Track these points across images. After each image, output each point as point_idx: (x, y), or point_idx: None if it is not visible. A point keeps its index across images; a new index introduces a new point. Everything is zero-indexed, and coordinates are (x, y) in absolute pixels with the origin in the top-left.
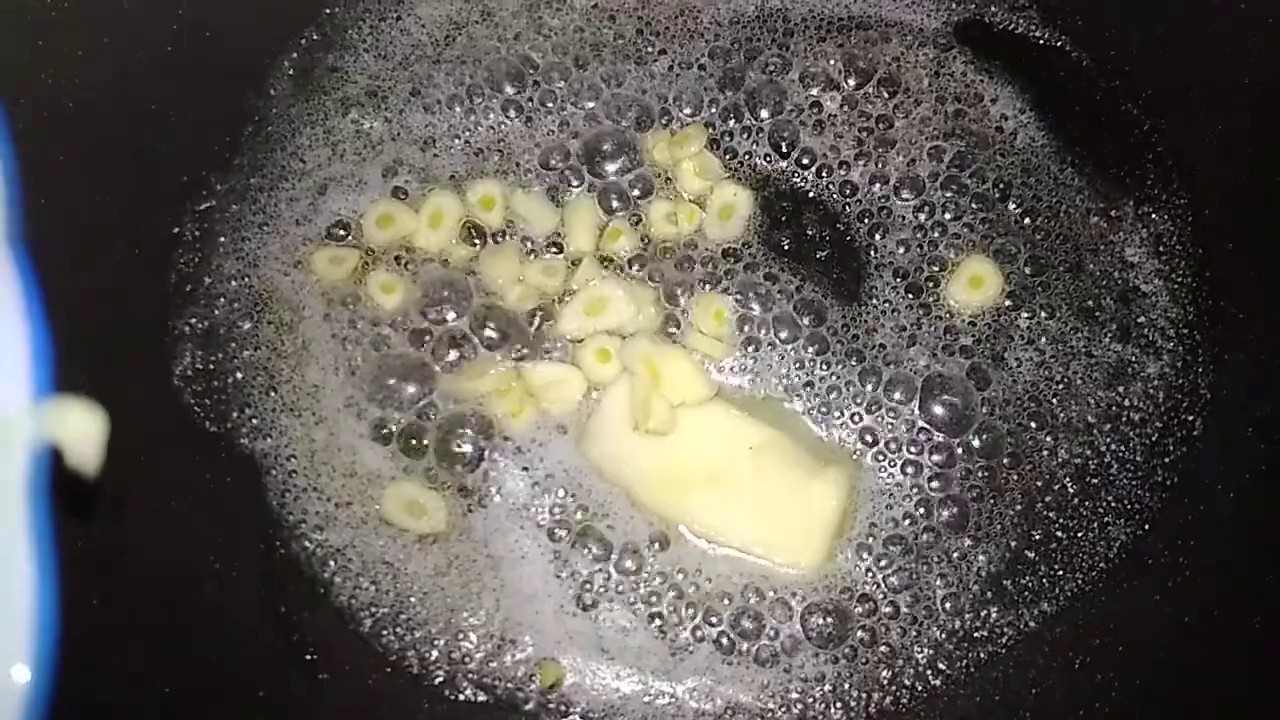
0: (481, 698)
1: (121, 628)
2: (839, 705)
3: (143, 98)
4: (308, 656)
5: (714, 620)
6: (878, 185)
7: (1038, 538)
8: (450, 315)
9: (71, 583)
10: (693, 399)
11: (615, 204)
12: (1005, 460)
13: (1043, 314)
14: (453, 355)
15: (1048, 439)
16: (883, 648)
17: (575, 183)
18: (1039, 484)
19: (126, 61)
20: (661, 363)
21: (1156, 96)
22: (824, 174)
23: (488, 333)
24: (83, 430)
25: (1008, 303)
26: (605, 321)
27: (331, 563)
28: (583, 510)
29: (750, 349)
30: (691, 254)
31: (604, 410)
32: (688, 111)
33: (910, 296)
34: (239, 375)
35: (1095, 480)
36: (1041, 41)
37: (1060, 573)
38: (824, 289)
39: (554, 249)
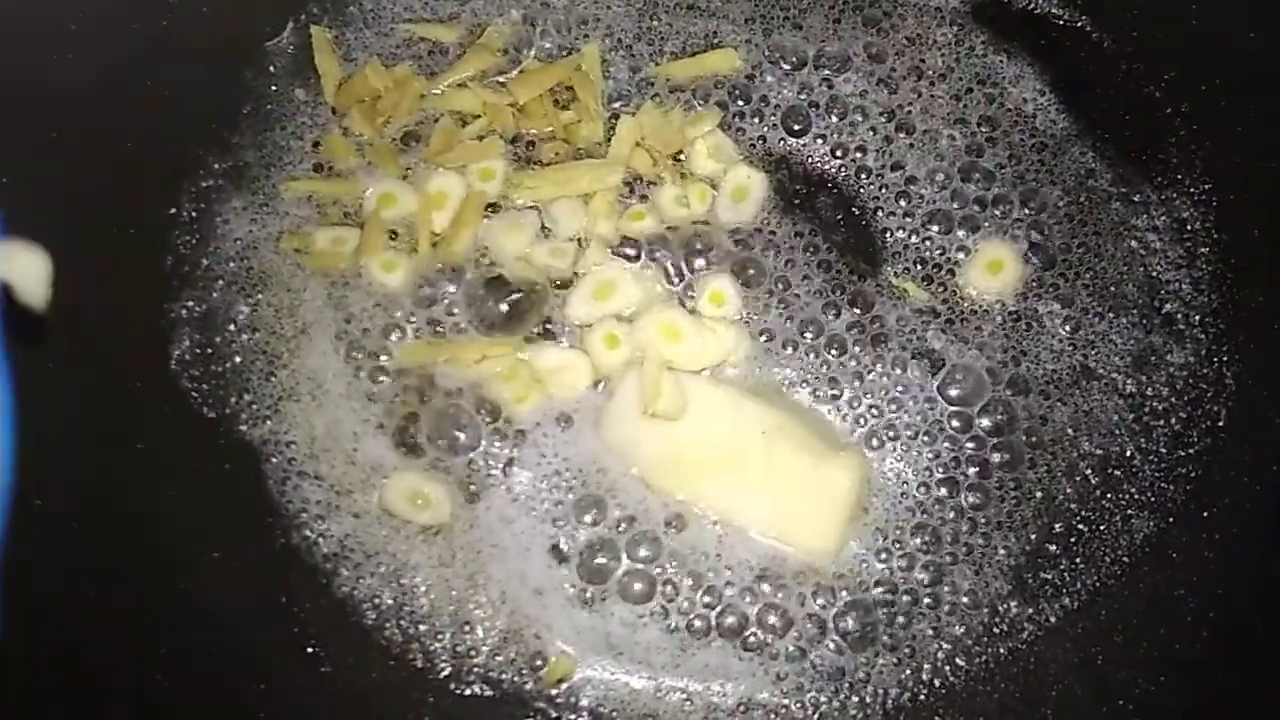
0: (488, 692)
1: (118, 618)
2: (855, 701)
3: (139, 75)
4: (309, 649)
5: (727, 614)
6: (894, 168)
7: (1059, 530)
8: (454, 297)
9: (69, 566)
10: (707, 361)
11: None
12: (1025, 451)
13: (1063, 301)
14: (457, 338)
15: (1069, 429)
16: (901, 643)
17: None
18: (1060, 475)
19: (123, 38)
20: (673, 328)
21: (1179, 79)
22: (839, 155)
23: (493, 315)
24: (29, 269)
25: (1027, 289)
26: (613, 305)
27: (333, 553)
28: (590, 500)
29: (763, 334)
30: (703, 237)
31: (619, 396)
32: (700, 91)
33: (927, 282)
34: (238, 359)
35: (1118, 472)
36: (1062, 22)
37: (1082, 566)
38: (839, 273)
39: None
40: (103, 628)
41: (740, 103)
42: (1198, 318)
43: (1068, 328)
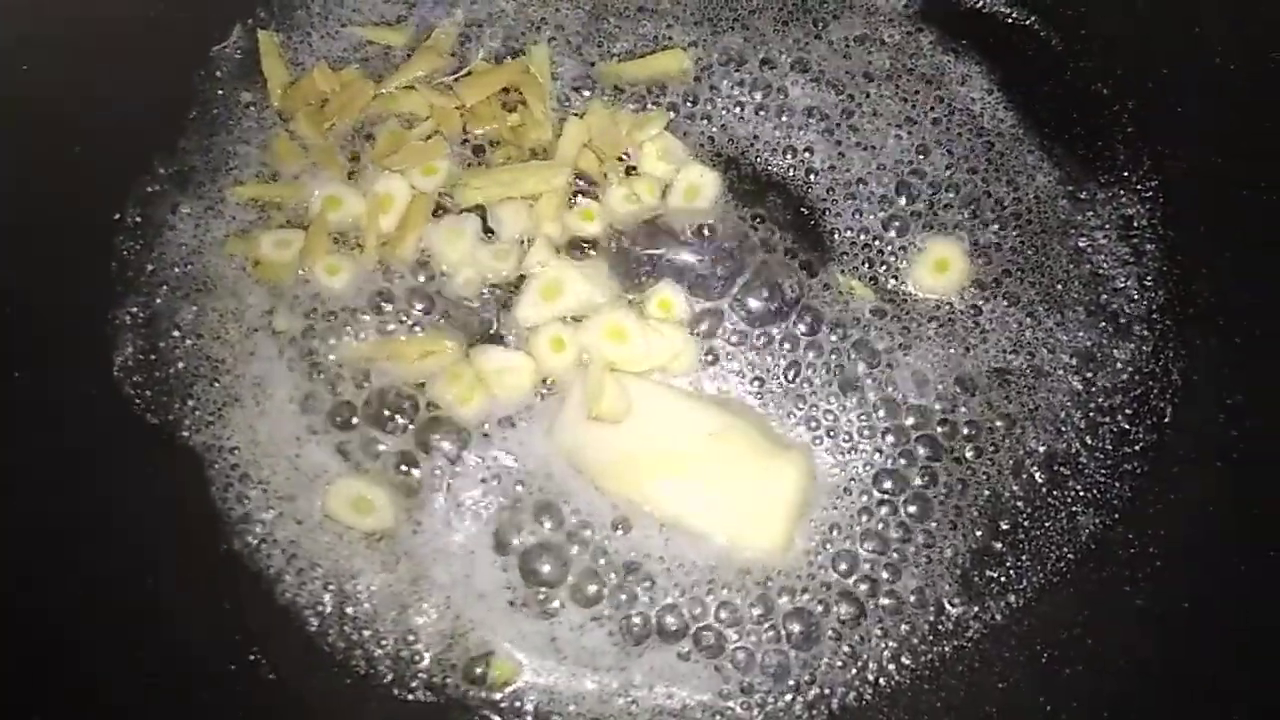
0: (431, 698)
1: (58, 625)
2: (801, 701)
3: (85, 78)
4: (252, 655)
5: (673, 615)
6: (842, 169)
7: (1005, 528)
8: (399, 301)
9: (7, 574)
10: (652, 364)
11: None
12: (971, 449)
13: (1009, 299)
14: (401, 340)
15: (1015, 427)
16: (845, 643)
17: None
18: (1007, 473)
19: (69, 41)
20: (618, 330)
21: (1126, 77)
22: (788, 156)
23: (438, 318)
24: None
25: (974, 287)
26: (562, 306)
27: (276, 559)
28: (536, 504)
29: (710, 334)
30: (652, 238)
31: (571, 401)
32: (649, 92)
33: (874, 281)
34: (181, 365)
35: (1064, 469)
36: (1010, 21)
37: (1028, 564)
38: (786, 274)
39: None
40: (43, 633)
41: (689, 104)
42: (1144, 314)
43: (1014, 325)
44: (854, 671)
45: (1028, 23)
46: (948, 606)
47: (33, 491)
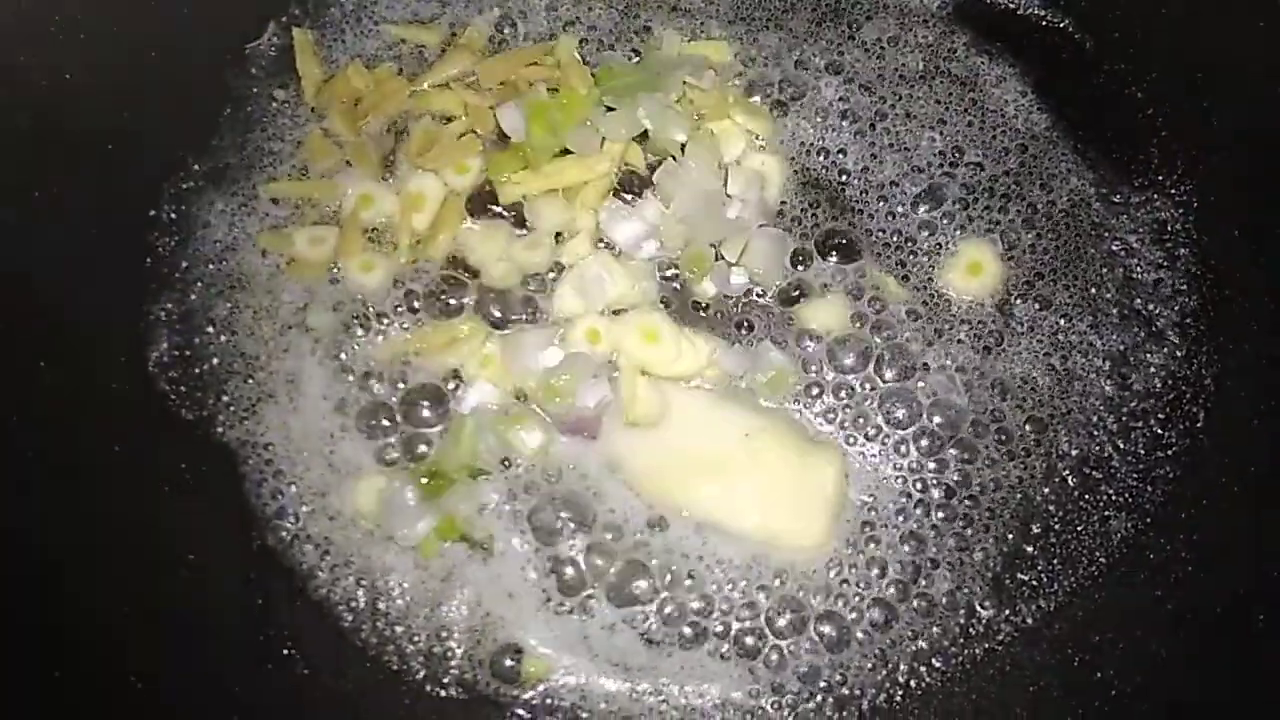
0: (462, 694)
1: (95, 619)
2: (832, 702)
3: (121, 77)
4: (285, 651)
5: (705, 615)
6: (875, 169)
7: (1036, 532)
8: (431, 296)
9: (44, 569)
10: (680, 370)
11: None
12: (1003, 453)
13: (1042, 302)
14: (428, 329)
15: (1047, 430)
16: (877, 644)
17: None
18: (1039, 477)
19: (105, 40)
20: (652, 331)
21: (1161, 80)
22: (821, 156)
23: (470, 311)
24: None
25: (1007, 290)
26: (600, 299)
27: (309, 555)
28: (569, 503)
29: (741, 336)
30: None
31: (611, 409)
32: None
33: (906, 282)
34: (215, 361)
35: (1096, 473)
36: (1044, 23)
37: (1059, 568)
38: (818, 274)
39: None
40: (78, 629)
41: None
42: (1177, 319)
43: (1047, 328)
44: (885, 673)
45: (1062, 25)
46: (979, 609)
47: (67, 486)
